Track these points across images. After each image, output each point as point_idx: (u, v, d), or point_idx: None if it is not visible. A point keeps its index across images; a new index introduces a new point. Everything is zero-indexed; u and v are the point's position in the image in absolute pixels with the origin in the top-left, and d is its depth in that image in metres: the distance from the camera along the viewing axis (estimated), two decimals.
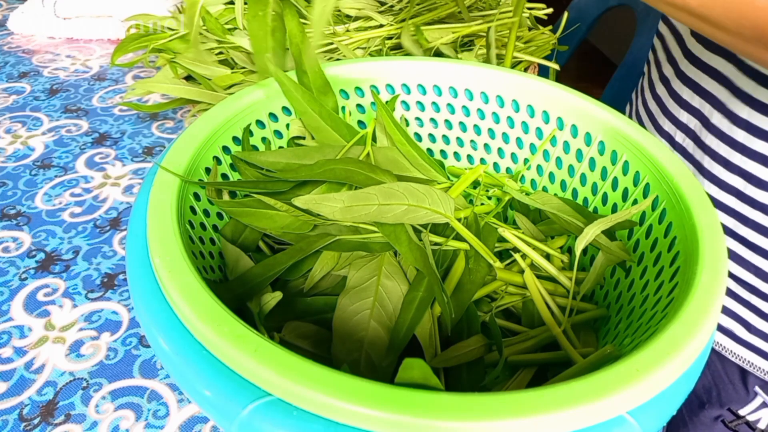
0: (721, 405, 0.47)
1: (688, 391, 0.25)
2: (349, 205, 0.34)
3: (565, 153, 0.44)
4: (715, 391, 0.47)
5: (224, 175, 0.41)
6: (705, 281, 0.27)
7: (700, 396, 0.48)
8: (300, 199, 0.34)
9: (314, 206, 0.34)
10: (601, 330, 0.37)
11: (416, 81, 0.47)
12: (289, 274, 0.39)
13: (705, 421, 0.48)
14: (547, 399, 0.21)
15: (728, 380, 0.46)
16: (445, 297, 0.34)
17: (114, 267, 0.49)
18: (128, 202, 0.56)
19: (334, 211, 0.34)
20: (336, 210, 0.34)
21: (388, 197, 0.36)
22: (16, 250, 0.50)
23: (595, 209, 0.42)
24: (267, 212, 0.38)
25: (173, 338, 0.25)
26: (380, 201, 0.35)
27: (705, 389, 0.47)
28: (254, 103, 0.42)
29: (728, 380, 0.46)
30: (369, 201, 0.35)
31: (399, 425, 0.21)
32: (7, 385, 0.39)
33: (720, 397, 0.46)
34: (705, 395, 0.47)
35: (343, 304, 0.35)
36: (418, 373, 0.23)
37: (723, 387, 0.46)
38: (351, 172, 0.38)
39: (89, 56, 0.83)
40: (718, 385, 0.46)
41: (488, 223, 0.42)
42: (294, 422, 0.22)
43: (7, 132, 0.65)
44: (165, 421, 0.37)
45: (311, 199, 0.34)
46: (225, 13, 0.69)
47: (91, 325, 0.44)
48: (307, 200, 0.34)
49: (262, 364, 0.22)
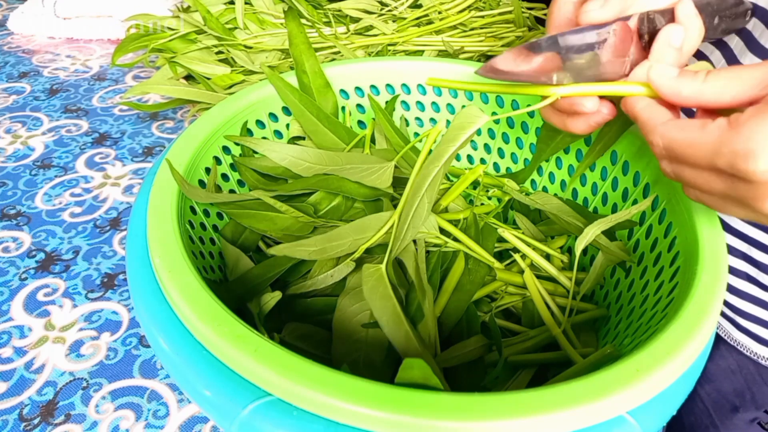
0: (757, 407, 0.46)
1: (688, 391, 0.25)
2: (322, 247, 0.35)
3: (565, 153, 0.44)
4: (749, 395, 0.46)
5: (224, 175, 0.41)
6: (705, 281, 0.27)
7: (732, 400, 0.47)
8: (275, 249, 0.35)
9: (290, 252, 0.35)
10: (601, 330, 0.37)
11: (416, 81, 0.47)
12: (289, 275, 0.39)
13: (739, 424, 0.47)
14: (547, 399, 0.21)
15: (763, 382, 0.45)
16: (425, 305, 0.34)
17: (114, 267, 0.49)
18: (128, 202, 0.56)
19: (310, 253, 0.35)
20: (311, 252, 0.35)
21: (360, 231, 0.36)
22: (16, 250, 0.50)
23: (595, 209, 0.42)
24: (267, 214, 0.38)
25: (173, 338, 0.25)
26: (353, 236, 0.36)
27: (737, 393, 0.47)
28: (254, 103, 0.42)
29: (763, 382, 0.45)
30: (342, 238, 0.36)
31: (399, 425, 0.21)
32: (7, 385, 0.39)
33: (755, 399, 0.46)
34: (737, 399, 0.47)
35: (342, 305, 0.35)
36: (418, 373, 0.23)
37: (758, 389, 0.46)
38: (342, 182, 0.39)
39: (89, 56, 0.83)
40: (752, 388, 0.46)
41: (488, 223, 0.42)
42: (294, 422, 0.22)
43: (7, 132, 0.65)
44: (165, 421, 0.37)
45: (285, 248, 0.35)
46: (225, 12, 0.69)
47: (91, 325, 0.44)
48: (282, 249, 0.35)
49: (262, 364, 0.22)
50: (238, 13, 0.67)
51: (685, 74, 0.24)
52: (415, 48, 0.69)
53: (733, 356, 0.46)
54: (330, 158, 0.41)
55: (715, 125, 0.22)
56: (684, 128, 0.24)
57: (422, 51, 0.68)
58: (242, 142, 0.40)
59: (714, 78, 0.23)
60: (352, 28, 0.68)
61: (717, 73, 0.24)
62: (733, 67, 0.23)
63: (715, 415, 0.48)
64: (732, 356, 0.46)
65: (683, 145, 0.24)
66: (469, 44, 0.68)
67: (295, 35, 0.45)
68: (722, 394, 0.48)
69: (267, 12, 0.69)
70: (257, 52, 0.66)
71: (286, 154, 0.40)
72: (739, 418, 0.47)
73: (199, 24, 0.66)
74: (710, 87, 0.24)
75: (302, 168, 0.40)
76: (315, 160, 0.41)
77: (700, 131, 0.23)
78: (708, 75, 0.24)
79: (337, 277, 0.36)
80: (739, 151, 0.21)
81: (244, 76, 0.64)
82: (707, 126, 0.23)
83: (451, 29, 0.70)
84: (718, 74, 0.23)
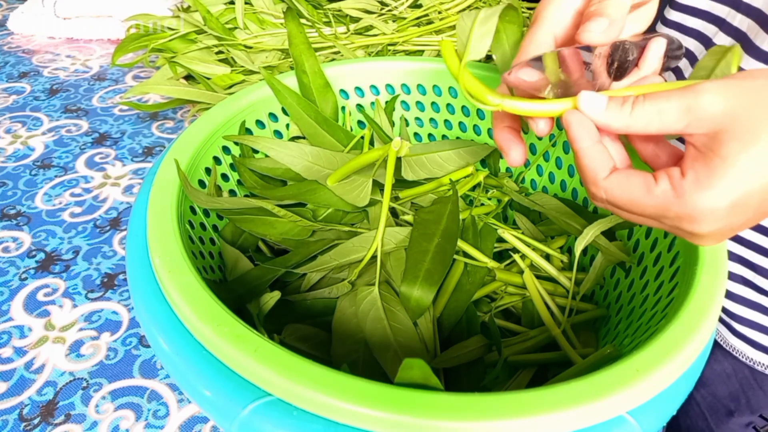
0: (752, 412, 0.46)
1: (688, 391, 0.25)
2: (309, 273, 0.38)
3: (564, 153, 0.44)
4: (744, 399, 0.46)
5: (224, 175, 0.41)
6: (705, 282, 0.27)
7: (727, 404, 0.47)
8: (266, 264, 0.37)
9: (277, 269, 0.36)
10: (601, 330, 0.37)
11: (416, 81, 0.47)
12: (288, 276, 0.39)
13: (734, 428, 0.47)
14: (547, 399, 0.21)
15: (758, 386, 0.45)
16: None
17: (114, 267, 0.49)
18: (128, 202, 0.56)
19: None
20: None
21: (344, 255, 0.37)
22: (16, 250, 0.50)
23: (594, 209, 0.42)
24: (266, 218, 0.38)
25: (173, 338, 0.25)
26: (338, 260, 0.37)
27: (732, 397, 0.47)
28: (254, 103, 0.42)
29: (758, 386, 0.45)
30: (327, 263, 0.37)
31: (399, 425, 0.21)
32: (7, 385, 0.39)
33: (750, 403, 0.46)
34: (732, 403, 0.47)
35: (342, 306, 0.35)
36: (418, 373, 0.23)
37: (753, 394, 0.46)
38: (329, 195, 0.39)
39: (89, 56, 0.83)
40: (747, 392, 0.46)
41: (487, 223, 0.42)
42: (294, 422, 0.22)
43: (7, 132, 0.65)
44: (165, 421, 0.37)
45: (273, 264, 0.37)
46: (225, 12, 0.69)
47: (91, 325, 0.44)
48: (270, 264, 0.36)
49: (262, 364, 0.22)
50: (238, 13, 0.67)
51: (613, 107, 0.25)
52: (415, 48, 0.69)
53: (729, 360, 0.46)
54: (328, 158, 0.41)
55: (660, 190, 0.24)
56: (628, 189, 0.24)
57: (422, 51, 0.69)
58: (242, 140, 0.40)
59: (640, 111, 0.24)
60: (352, 28, 0.68)
61: (642, 104, 0.24)
62: (657, 95, 0.23)
63: (710, 419, 0.48)
64: (727, 360, 0.46)
65: (627, 204, 0.25)
66: None
67: (295, 35, 0.45)
68: (718, 398, 0.48)
69: (267, 12, 0.69)
70: (257, 52, 0.66)
71: (285, 152, 0.40)
72: (735, 422, 0.47)
73: (199, 24, 0.66)
74: (637, 121, 0.24)
75: (302, 167, 0.40)
76: (314, 159, 0.41)
77: (646, 195, 0.24)
78: (634, 106, 0.24)
79: (335, 294, 0.37)
80: (684, 217, 0.23)
81: (244, 76, 0.64)
82: (652, 190, 0.24)
83: (451, 29, 0.70)
84: (643, 106, 0.24)
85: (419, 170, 0.42)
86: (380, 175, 0.40)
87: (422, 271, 0.34)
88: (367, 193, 0.39)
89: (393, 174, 0.38)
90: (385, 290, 0.35)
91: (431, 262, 0.35)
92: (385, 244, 0.37)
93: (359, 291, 0.35)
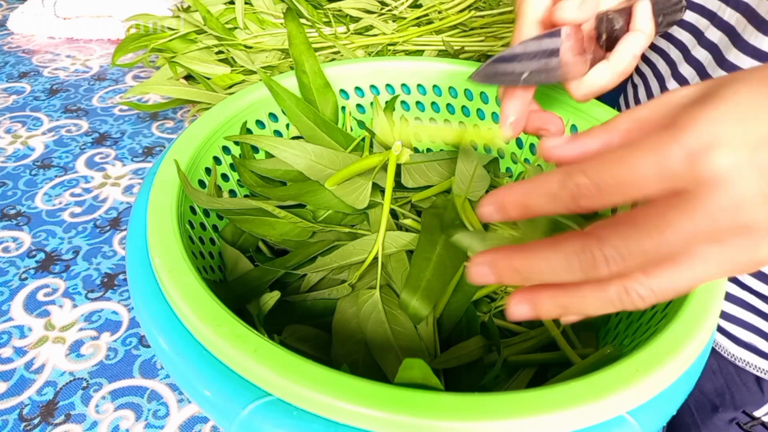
0: (736, 408, 0.46)
1: (689, 391, 0.25)
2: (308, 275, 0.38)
3: None
4: (729, 395, 0.46)
5: (224, 175, 0.41)
6: None
7: (713, 399, 0.47)
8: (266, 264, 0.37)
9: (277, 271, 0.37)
10: (601, 330, 0.37)
11: (416, 81, 0.47)
12: (288, 276, 0.39)
13: (719, 424, 0.47)
14: (547, 399, 0.21)
15: (742, 383, 0.45)
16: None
17: (114, 267, 0.49)
18: (128, 202, 0.56)
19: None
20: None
21: (344, 257, 0.37)
22: (16, 250, 0.50)
23: None
24: (266, 219, 0.38)
25: (173, 338, 0.25)
26: (338, 262, 0.37)
27: (717, 393, 0.47)
28: (254, 103, 0.42)
29: (742, 383, 0.45)
30: (326, 265, 0.37)
31: (399, 425, 0.21)
32: (7, 385, 0.39)
33: (734, 399, 0.46)
34: (718, 399, 0.47)
35: (342, 306, 0.35)
36: (418, 373, 0.23)
37: (737, 390, 0.46)
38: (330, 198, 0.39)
39: (89, 56, 0.83)
40: (731, 388, 0.46)
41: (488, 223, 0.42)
42: (294, 422, 0.22)
43: (7, 132, 0.65)
44: (165, 421, 0.37)
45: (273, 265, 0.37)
46: (225, 12, 0.69)
47: (91, 325, 0.44)
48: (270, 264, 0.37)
49: (262, 364, 0.22)
50: (238, 13, 0.67)
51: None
52: (415, 48, 0.69)
53: (714, 356, 0.46)
54: (330, 157, 0.41)
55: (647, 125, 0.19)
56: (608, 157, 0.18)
57: (422, 51, 0.68)
58: (244, 140, 0.40)
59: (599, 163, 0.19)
60: (352, 28, 0.68)
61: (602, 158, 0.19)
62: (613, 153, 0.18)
63: (696, 414, 0.49)
64: (713, 356, 0.46)
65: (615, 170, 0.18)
66: (469, 44, 0.68)
67: (295, 35, 0.45)
68: (704, 394, 0.48)
69: (267, 12, 0.69)
70: (257, 52, 0.66)
71: (288, 150, 0.40)
72: (719, 418, 0.47)
73: (199, 24, 0.66)
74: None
75: (304, 165, 0.40)
76: (317, 158, 0.41)
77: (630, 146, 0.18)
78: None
79: (335, 296, 0.37)
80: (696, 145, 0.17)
81: (244, 76, 0.64)
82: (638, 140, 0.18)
83: (451, 29, 0.70)
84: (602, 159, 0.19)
85: (419, 177, 0.42)
86: (380, 178, 0.40)
87: (424, 281, 0.35)
88: (367, 196, 0.39)
89: (393, 178, 0.38)
90: (386, 293, 0.35)
91: (433, 272, 0.35)
92: (385, 248, 0.37)
93: (360, 294, 0.35)
